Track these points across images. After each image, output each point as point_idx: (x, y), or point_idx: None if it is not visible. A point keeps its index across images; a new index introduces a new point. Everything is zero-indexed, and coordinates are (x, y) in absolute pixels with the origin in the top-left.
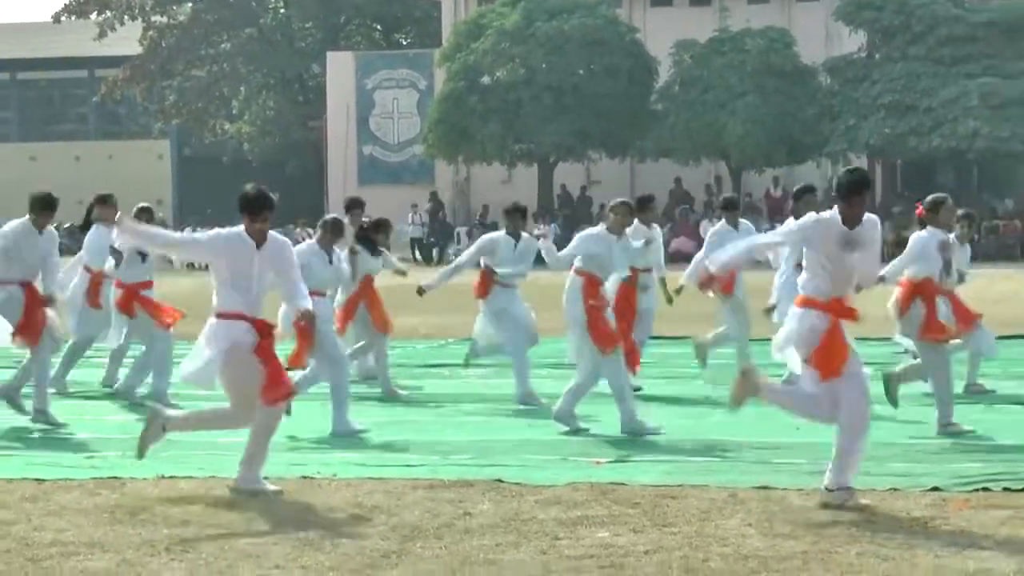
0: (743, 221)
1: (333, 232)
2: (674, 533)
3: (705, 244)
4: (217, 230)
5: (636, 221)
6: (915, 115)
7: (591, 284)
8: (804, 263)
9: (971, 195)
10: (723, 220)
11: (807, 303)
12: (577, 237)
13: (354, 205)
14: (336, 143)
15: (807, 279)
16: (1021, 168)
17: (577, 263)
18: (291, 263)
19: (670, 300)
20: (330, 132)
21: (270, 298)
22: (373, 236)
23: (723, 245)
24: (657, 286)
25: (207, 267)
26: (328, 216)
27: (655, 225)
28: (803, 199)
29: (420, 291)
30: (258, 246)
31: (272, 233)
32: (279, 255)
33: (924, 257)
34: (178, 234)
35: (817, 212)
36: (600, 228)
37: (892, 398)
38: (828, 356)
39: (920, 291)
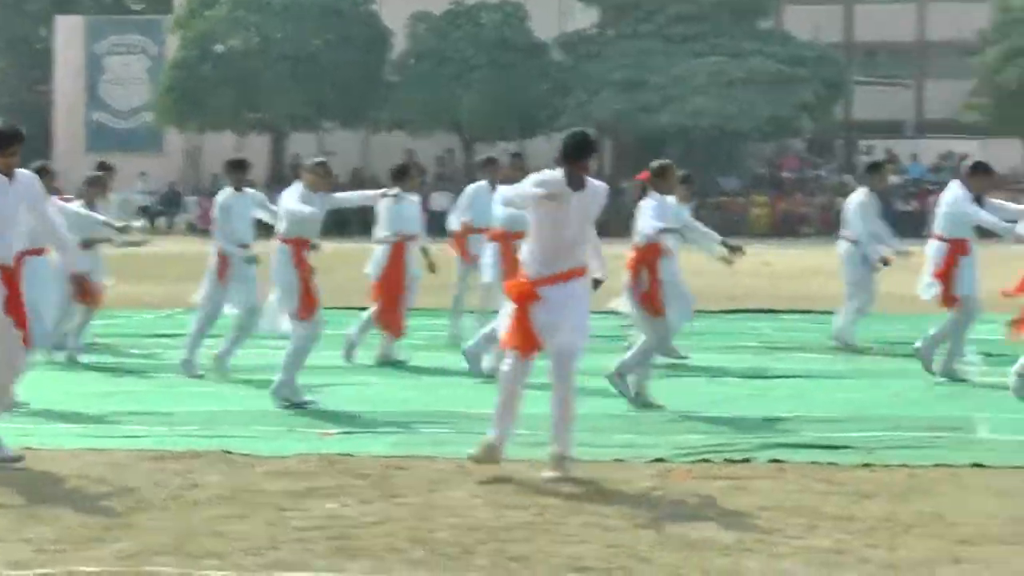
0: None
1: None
2: (402, 504)
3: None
4: None
5: (399, 189)
6: (645, 92)
7: (298, 250)
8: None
9: (697, 172)
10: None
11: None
12: (284, 196)
13: (103, 168)
14: (64, 108)
15: (525, 248)
16: (745, 146)
17: (283, 230)
18: (43, 196)
19: (433, 268)
20: (58, 97)
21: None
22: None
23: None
24: (419, 254)
25: None
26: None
27: (416, 194)
28: (486, 169)
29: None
30: (9, 181)
31: (20, 169)
32: (31, 188)
33: (658, 220)
34: None
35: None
36: (298, 187)
37: None
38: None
39: (646, 257)
